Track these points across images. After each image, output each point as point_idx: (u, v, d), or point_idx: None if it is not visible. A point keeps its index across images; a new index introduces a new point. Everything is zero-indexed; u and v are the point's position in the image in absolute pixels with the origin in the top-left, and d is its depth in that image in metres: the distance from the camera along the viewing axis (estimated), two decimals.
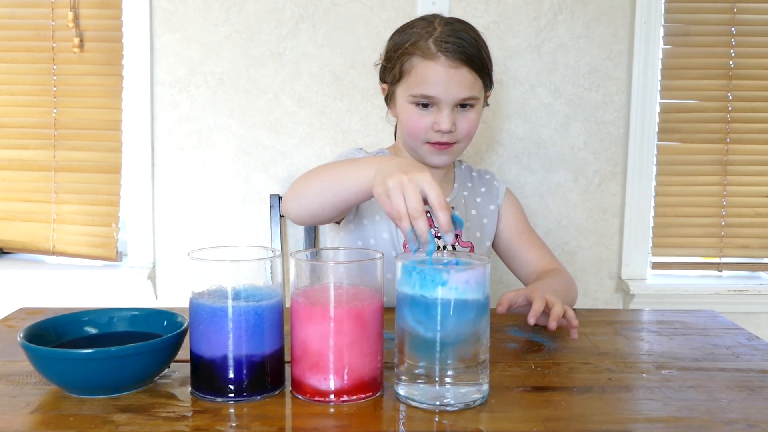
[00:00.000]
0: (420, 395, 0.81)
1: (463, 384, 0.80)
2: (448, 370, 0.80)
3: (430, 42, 1.26)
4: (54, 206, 1.95)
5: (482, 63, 1.29)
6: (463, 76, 1.26)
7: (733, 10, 1.92)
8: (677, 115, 1.96)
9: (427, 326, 0.80)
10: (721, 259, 2.00)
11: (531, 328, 1.12)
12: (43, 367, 0.82)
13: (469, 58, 1.26)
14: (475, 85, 1.28)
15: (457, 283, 0.79)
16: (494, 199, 1.45)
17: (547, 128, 1.94)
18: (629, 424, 0.77)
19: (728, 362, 0.98)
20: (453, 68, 1.25)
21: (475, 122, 1.31)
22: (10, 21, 1.92)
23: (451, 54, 1.25)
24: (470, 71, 1.26)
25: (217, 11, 1.89)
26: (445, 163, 1.34)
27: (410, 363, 0.82)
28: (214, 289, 0.84)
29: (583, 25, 1.91)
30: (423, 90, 1.26)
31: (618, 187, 1.96)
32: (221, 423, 0.76)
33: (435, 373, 0.80)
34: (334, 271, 0.83)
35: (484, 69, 1.30)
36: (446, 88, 1.25)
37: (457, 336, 0.80)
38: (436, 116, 1.27)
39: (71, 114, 1.93)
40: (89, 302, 1.88)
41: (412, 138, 1.31)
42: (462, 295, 0.79)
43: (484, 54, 1.30)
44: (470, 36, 1.28)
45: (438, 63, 1.25)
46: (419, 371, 0.81)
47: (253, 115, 1.91)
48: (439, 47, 1.25)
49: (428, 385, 0.80)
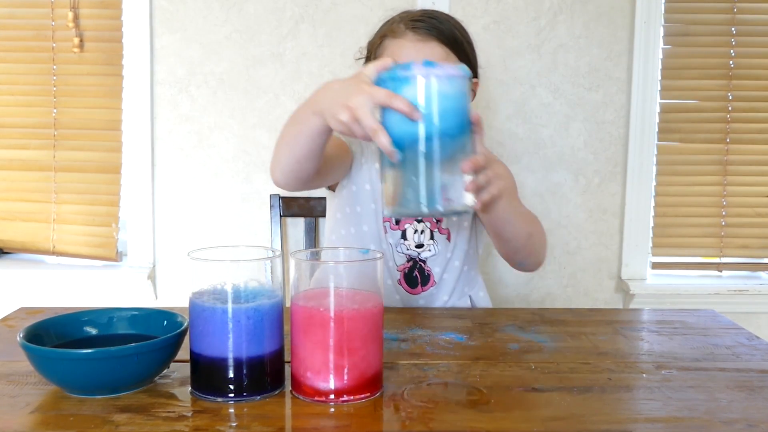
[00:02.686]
0: (408, 202, 0.84)
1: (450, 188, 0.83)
2: (434, 169, 0.83)
3: (401, 23, 1.28)
4: (54, 206, 1.95)
5: (455, 39, 1.27)
6: (433, 50, 1.24)
7: (733, 10, 1.92)
8: (677, 115, 1.96)
9: (409, 122, 0.83)
10: (721, 259, 2.00)
11: (531, 328, 1.12)
12: (43, 367, 0.82)
13: (440, 33, 1.25)
14: (449, 60, 1.26)
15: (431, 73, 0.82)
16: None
17: (547, 128, 1.94)
18: (629, 424, 0.77)
19: (728, 362, 0.98)
20: (421, 42, 1.24)
21: None
22: (10, 21, 1.92)
23: (419, 30, 1.25)
24: (440, 45, 1.25)
25: (217, 11, 1.89)
26: None
27: (397, 175, 0.84)
28: (214, 289, 0.84)
29: (583, 25, 1.91)
30: None
31: (618, 187, 1.96)
32: (221, 423, 0.76)
33: (420, 173, 0.83)
34: (334, 271, 0.83)
35: (459, 47, 1.28)
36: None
37: (442, 125, 0.82)
38: None
39: (71, 114, 1.93)
40: (89, 302, 1.88)
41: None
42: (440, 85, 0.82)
43: (459, 34, 1.29)
44: (444, 17, 1.29)
45: (406, 39, 1.26)
46: (407, 179, 0.84)
47: (253, 115, 1.91)
48: (408, 25, 1.26)
49: (414, 192, 0.83)
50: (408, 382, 0.88)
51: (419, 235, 1.34)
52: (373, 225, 1.33)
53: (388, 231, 1.34)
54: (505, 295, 1.99)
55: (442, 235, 1.35)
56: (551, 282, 1.98)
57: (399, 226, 1.34)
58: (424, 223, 1.34)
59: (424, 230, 1.34)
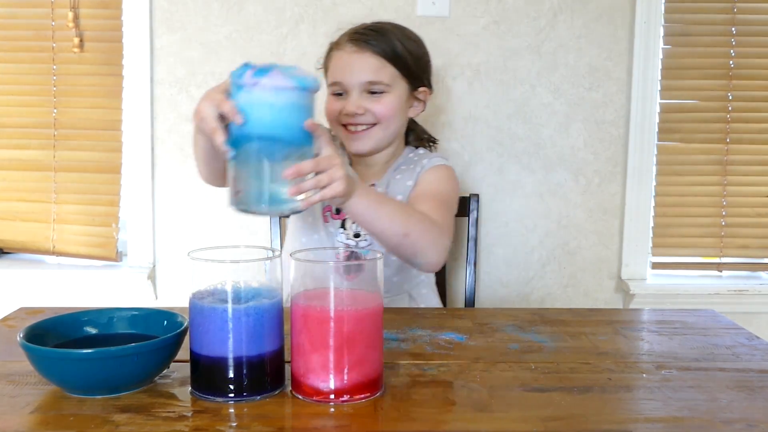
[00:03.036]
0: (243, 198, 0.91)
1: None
2: (263, 171, 0.90)
3: (345, 35, 1.36)
4: (54, 206, 1.95)
5: (393, 51, 1.33)
6: (366, 60, 1.32)
7: (733, 10, 1.92)
8: (677, 115, 1.96)
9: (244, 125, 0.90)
10: (721, 259, 2.00)
11: (531, 328, 1.12)
12: (43, 367, 0.82)
13: (376, 45, 1.32)
14: (383, 71, 1.32)
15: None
16: (414, 175, 1.39)
17: (547, 128, 1.94)
18: (629, 424, 0.77)
19: (728, 362, 0.98)
20: (356, 53, 1.32)
21: (390, 106, 1.34)
22: (10, 21, 1.92)
23: (355, 41, 1.33)
24: (374, 56, 1.32)
25: (217, 11, 1.89)
26: (363, 149, 1.36)
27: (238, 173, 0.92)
28: (214, 289, 0.84)
29: (583, 25, 1.91)
30: (332, 77, 1.35)
31: (618, 187, 1.96)
32: (221, 423, 0.76)
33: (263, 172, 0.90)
34: (333, 271, 0.83)
35: (398, 59, 1.33)
36: (350, 71, 1.32)
37: (265, 131, 0.89)
38: (345, 101, 1.34)
39: (71, 114, 1.93)
40: (89, 302, 1.88)
41: (330, 124, 1.38)
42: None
43: (402, 47, 1.34)
44: (388, 30, 1.35)
45: (344, 50, 1.34)
46: (242, 177, 0.92)
47: None
48: (348, 37, 1.35)
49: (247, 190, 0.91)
50: (408, 382, 0.88)
51: (357, 225, 1.37)
52: (317, 214, 1.39)
53: (330, 220, 1.38)
54: (505, 295, 1.99)
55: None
56: (551, 282, 1.98)
57: (339, 215, 1.38)
58: None
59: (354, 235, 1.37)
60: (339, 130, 1.37)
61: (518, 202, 1.96)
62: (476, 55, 1.91)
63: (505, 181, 1.95)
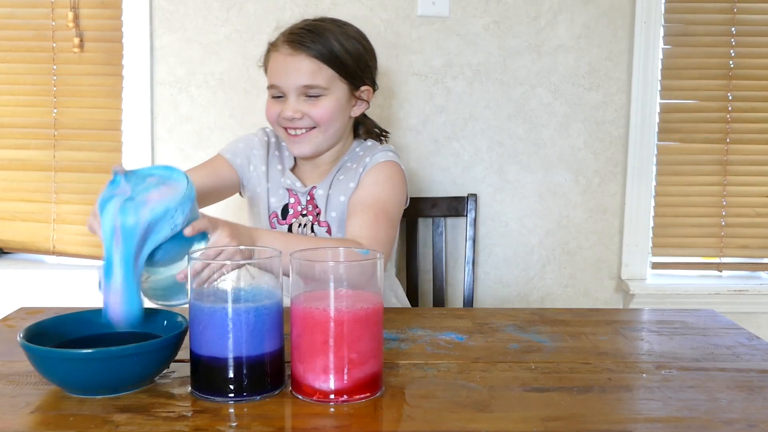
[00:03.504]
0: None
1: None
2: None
3: (282, 35, 1.32)
4: (54, 206, 1.95)
5: (331, 52, 1.30)
6: (301, 63, 1.28)
7: (733, 10, 1.92)
8: (677, 115, 1.96)
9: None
10: (721, 259, 2.00)
11: (531, 328, 1.12)
12: (43, 367, 0.82)
13: (312, 47, 1.28)
14: (319, 74, 1.29)
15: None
16: (356, 176, 1.37)
17: (547, 128, 1.94)
18: (629, 424, 0.77)
19: (728, 362, 0.98)
20: (291, 56, 1.29)
21: (328, 109, 1.32)
22: (10, 21, 1.92)
23: (290, 43, 1.29)
24: (310, 58, 1.28)
25: (217, 11, 1.89)
26: (303, 152, 1.36)
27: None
28: (214, 289, 0.84)
29: (583, 25, 1.91)
30: (270, 79, 1.34)
31: (618, 187, 1.96)
32: (221, 423, 0.76)
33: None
34: (333, 271, 0.83)
35: (334, 60, 1.30)
36: (285, 75, 1.30)
37: (130, 244, 0.90)
38: (284, 105, 1.32)
39: (71, 114, 1.94)
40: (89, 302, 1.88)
41: (272, 125, 1.38)
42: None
43: (338, 45, 1.31)
44: (325, 29, 1.32)
45: (279, 52, 1.31)
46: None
47: (253, 115, 1.91)
48: (284, 37, 1.31)
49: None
50: (408, 382, 0.88)
51: (302, 229, 1.38)
52: (265, 221, 1.41)
53: (277, 226, 1.40)
54: (505, 295, 1.99)
55: (322, 228, 1.38)
56: (551, 282, 1.99)
57: (286, 220, 1.40)
58: (307, 217, 1.38)
59: (306, 224, 1.39)
60: (280, 132, 1.37)
61: (518, 202, 1.96)
62: (476, 55, 1.91)
63: (505, 181, 1.95)
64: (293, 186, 1.40)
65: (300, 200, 1.39)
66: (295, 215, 1.40)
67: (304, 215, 1.39)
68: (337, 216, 1.37)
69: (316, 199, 1.39)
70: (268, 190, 1.42)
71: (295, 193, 1.40)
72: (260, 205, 1.42)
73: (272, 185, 1.42)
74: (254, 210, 1.45)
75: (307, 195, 1.39)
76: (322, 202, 1.38)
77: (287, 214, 1.40)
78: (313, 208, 1.39)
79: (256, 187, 1.43)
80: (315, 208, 1.39)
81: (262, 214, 1.42)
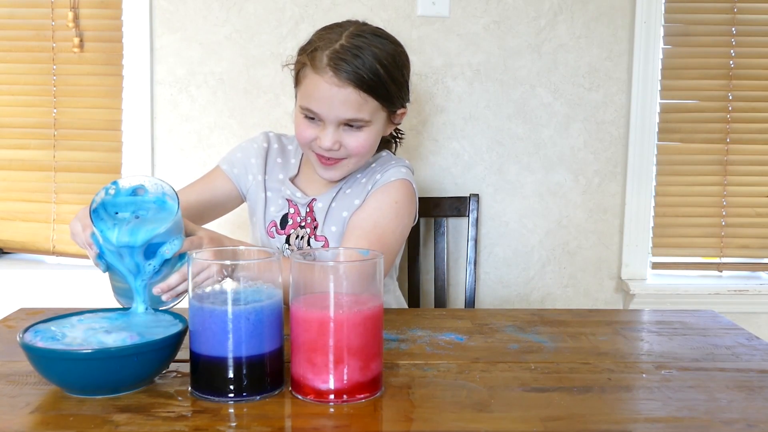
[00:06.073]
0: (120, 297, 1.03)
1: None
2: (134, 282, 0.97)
3: (324, 55, 1.22)
4: (54, 206, 1.95)
5: (377, 84, 1.23)
6: (349, 96, 1.21)
7: (733, 10, 1.92)
8: (677, 115, 1.96)
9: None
10: (721, 259, 2.00)
11: (531, 328, 1.12)
12: (43, 367, 0.82)
13: (359, 79, 1.21)
14: (365, 107, 1.23)
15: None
16: (364, 193, 1.35)
17: (547, 128, 1.94)
18: (629, 424, 0.77)
19: (728, 362, 0.98)
20: (337, 87, 1.21)
21: (366, 142, 1.27)
22: (10, 21, 1.92)
23: (338, 72, 1.20)
24: (357, 91, 1.21)
25: (217, 11, 1.89)
26: (333, 177, 1.33)
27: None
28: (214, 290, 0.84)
29: (583, 25, 1.91)
30: (308, 104, 1.24)
31: (618, 187, 1.97)
32: (221, 423, 0.76)
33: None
34: (333, 271, 0.83)
35: (380, 90, 1.24)
36: (329, 106, 1.22)
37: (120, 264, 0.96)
38: (320, 131, 1.26)
39: (71, 114, 1.94)
40: (89, 302, 1.88)
41: (301, 146, 1.34)
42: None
43: (384, 74, 1.23)
44: (371, 53, 1.22)
45: (324, 79, 1.21)
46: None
47: (253, 115, 1.92)
48: (330, 62, 1.21)
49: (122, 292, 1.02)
50: (408, 383, 0.88)
51: (299, 241, 1.37)
52: (262, 230, 1.40)
53: (275, 236, 1.39)
54: (505, 295, 1.99)
55: (318, 242, 1.36)
56: (551, 282, 1.99)
57: (284, 230, 1.39)
58: (304, 229, 1.37)
59: (303, 236, 1.37)
60: (310, 156, 1.32)
61: (518, 202, 1.96)
62: (476, 55, 1.91)
63: (505, 181, 1.95)
64: (293, 196, 1.38)
65: (299, 211, 1.37)
66: (294, 226, 1.38)
67: (302, 227, 1.37)
68: (337, 231, 1.35)
69: (315, 211, 1.36)
70: (266, 199, 1.40)
71: (294, 204, 1.38)
72: (258, 214, 1.41)
73: (272, 194, 1.40)
74: (253, 219, 1.44)
75: (306, 207, 1.37)
76: (321, 215, 1.36)
77: (286, 224, 1.38)
78: (311, 221, 1.37)
79: (254, 196, 1.42)
80: (313, 221, 1.36)
81: (260, 224, 1.41)
